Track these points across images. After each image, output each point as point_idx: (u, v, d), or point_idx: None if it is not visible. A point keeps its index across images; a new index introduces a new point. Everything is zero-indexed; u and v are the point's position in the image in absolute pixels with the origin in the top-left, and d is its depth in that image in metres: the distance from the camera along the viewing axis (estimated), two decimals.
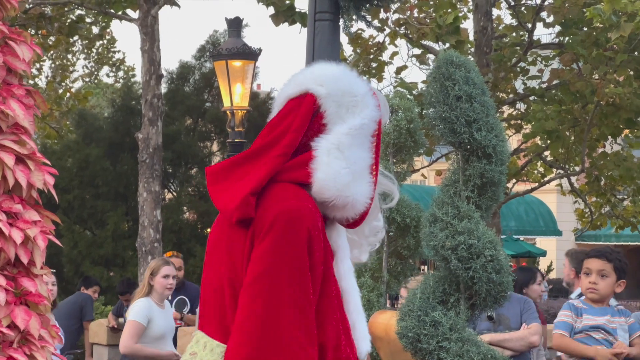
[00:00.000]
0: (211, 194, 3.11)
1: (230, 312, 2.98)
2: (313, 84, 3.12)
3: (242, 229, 2.99)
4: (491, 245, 5.15)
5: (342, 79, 3.14)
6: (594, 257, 5.78)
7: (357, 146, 3.06)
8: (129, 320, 7.97)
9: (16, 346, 4.13)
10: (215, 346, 2.99)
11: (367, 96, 3.13)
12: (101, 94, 31.54)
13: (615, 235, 27.12)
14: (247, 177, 3.03)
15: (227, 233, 3.06)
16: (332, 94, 3.10)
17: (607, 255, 5.77)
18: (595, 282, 5.72)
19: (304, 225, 2.94)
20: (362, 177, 3.06)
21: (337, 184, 3.01)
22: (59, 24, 16.04)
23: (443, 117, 5.27)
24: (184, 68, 20.00)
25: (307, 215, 2.96)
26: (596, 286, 5.71)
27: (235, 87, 11.98)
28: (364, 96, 3.12)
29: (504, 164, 5.28)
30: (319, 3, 5.24)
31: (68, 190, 18.29)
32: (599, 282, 5.72)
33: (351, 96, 3.10)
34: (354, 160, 3.04)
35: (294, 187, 3.03)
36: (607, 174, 16.12)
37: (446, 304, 5.25)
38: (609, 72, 13.43)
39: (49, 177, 4.32)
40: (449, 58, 5.34)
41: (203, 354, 3.00)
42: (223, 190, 3.07)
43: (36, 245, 4.23)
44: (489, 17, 14.90)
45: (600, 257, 5.76)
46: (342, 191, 3.02)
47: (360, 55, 15.04)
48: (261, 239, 2.94)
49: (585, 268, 5.80)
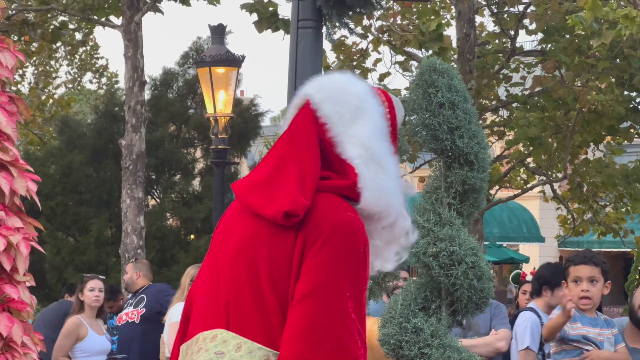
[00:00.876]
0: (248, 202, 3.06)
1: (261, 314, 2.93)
2: (311, 90, 3.12)
3: (287, 233, 2.94)
4: (472, 252, 5.17)
5: (338, 81, 3.14)
6: (582, 264, 5.57)
7: (387, 152, 3.06)
8: (173, 323, 7.87)
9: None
10: (257, 349, 2.90)
11: (367, 94, 3.10)
12: (84, 101, 31.48)
13: (598, 242, 27.19)
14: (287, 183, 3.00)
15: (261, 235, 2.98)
16: (329, 96, 3.08)
17: (594, 260, 5.59)
18: (587, 289, 5.56)
19: (361, 239, 2.95)
20: (399, 184, 3.07)
21: (386, 198, 3.03)
22: (41, 31, 16.01)
23: (426, 123, 5.29)
24: (168, 74, 19.97)
25: (362, 230, 2.97)
26: (589, 294, 5.54)
27: (218, 94, 11.98)
28: (366, 94, 3.10)
29: (485, 171, 5.30)
30: (302, 10, 5.27)
31: (51, 197, 18.24)
32: (591, 289, 5.57)
33: (348, 94, 3.07)
34: (391, 169, 3.05)
35: (342, 200, 3.01)
36: (589, 181, 16.19)
37: (428, 311, 5.26)
38: (591, 79, 13.50)
39: (31, 184, 4.32)
40: (432, 65, 5.36)
41: (236, 355, 2.90)
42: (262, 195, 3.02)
43: (19, 252, 4.22)
44: (472, 24, 14.96)
45: (588, 263, 5.56)
46: (391, 205, 3.04)
47: (343, 62, 15.06)
48: (319, 248, 2.90)
49: (573, 276, 5.58)
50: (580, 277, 5.54)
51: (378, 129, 3.06)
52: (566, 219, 18.74)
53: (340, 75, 3.17)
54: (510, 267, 29.16)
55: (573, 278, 5.57)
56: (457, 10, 15.07)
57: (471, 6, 14.92)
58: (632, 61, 13.35)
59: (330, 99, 3.07)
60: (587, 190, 16.71)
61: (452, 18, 15.75)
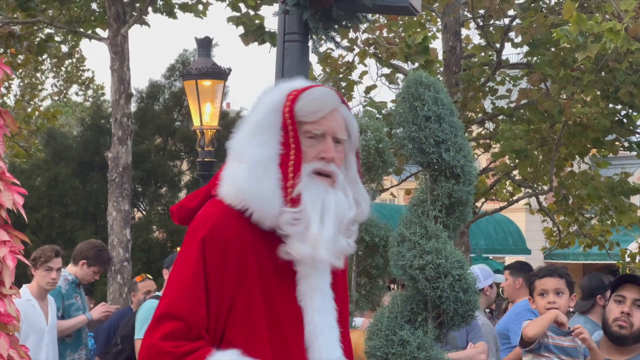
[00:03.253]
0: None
1: None
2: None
3: None
4: (459, 265, 5.18)
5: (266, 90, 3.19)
6: (547, 277, 5.61)
7: (256, 145, 3.04)
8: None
9: None
10: None
11: (268, 92, 3.13)
12: (70, 113, 31.43)
13: (583, 254, 27.23)
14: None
15: None
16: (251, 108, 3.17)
17: (558, 272, 5.66)
18: (554, 301, 5.62)
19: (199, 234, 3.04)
20: (266, 172, 3.03)
21: (238, 188, 3.03)
22: (28, 43, 16.00)
23: (412, 137, 5.31)
24: (154, 87, 19.98)
25: (204, 224, 3.05)
26: (555, 305, 5.61)
27: (205, 107, 11.99)
28: (265, 93, 3.13)
29: (471, 184, 5.32)
30: (289, 24, 5.28)
31: (37, 209, 18.20)
32: (557, 300, 5.62)
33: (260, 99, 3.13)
34: (253, 160, 3.03)
35: (211, 200, 3.10)
36: (574, 193, 16.23)
37: (414, 323, 5.27)
38: (576, 92, 13.54)
39: (18, 197, 4.32)
40: (418, 78, 5.38)
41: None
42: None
43: (5, 265, 4.22)
44: (458, 37, 15.01)
45: (553, 275, 5.63)
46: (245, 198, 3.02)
47: (329, 75, 15.08)
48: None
49: (539, 289, 5.61)
50: (546, 290, 5.61)
51: (252, 124, 3.09)
52: (552, 231, 18.77)
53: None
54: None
55: (539, 291, 5.64)
56: (443, 23, 15.12)
57: (457, 19, 14.97)
58: (617, 74, 13.40)
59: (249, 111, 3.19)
60: (573, 203, 16.75)
61: (438, 31, 15.80)
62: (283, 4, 5.21)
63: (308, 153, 3.07)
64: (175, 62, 19.95)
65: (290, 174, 3.02)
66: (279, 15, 5.30)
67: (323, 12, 5.17)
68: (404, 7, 5.33)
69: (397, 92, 5.50)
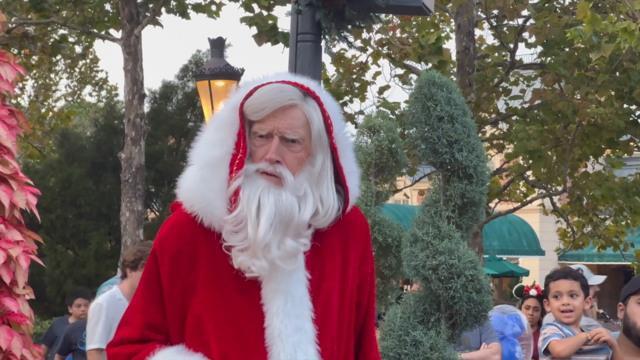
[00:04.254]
0: None
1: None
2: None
3: None
4: (472, 265, 5.17)
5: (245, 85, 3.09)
6: (561, 279, 5.65)
7: (211, 145, 2.96)
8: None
9: None
10: None
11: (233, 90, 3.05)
12: (84, 114, 31.51)
13: (598, 255, 27.19)
14: None
15: None
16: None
17: (572, 275, 5.68)
18: (567, 303, 5.63)
19: (155, 244, 3.04)
20: (213, 174, 2.93)
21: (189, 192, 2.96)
22: (41, 44, 16.04)
23: (425, 137, 5.30)
24: (167, 87, 20.01)
25: (160, 234, 3.04)
26: (569, 307, 5.62)
27: (218, 107, 11.99)
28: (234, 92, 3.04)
29: (484, 184, 5.31)
30: (301, 24, 5.27)
31: (50, 210, 18.24)
32: (572, 302, 5.64)
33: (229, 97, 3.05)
34: (203, 161, 2.95)
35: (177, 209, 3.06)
36: (589, 194, 16.20)
37: (427, 324, 5.26)
38: (590, 92, 13.52)
39: (31, 197, 4.33)
40: (431, 79, 5.37)
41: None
42: None
43: (18, 265, 4.23)
44: (472, 38, 14.99)
45: (567, 277, 5.66)
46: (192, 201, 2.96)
47: (343, 75, 15.09)
48: None
49: (553, 292, 5.65)
50: (560, 292, 5.62)
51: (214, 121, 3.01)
52: (566, 232, 18.74)
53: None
54: (510, 280, 29.11)
55: (553, 293, 5.66)
56: (456, 23, 15.10)
57: (470, 19, 14.95)
58: (631, 74, 13.37)
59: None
60: (587, 204, 16.72)
61: (452, 31, 15.78)
62: (295, 4, 5.21)
63: (257, 153, 2.96)
64: (188, 63, 19.97)
65: (234, 174, 2.92)
66: (292, 15, 5.30)
67: (335, 12, 5.16)
68: (417, 7, 5.32)
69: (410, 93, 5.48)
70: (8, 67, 4.33)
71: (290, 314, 2.94)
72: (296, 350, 2.93)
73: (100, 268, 18.22)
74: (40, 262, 4.48)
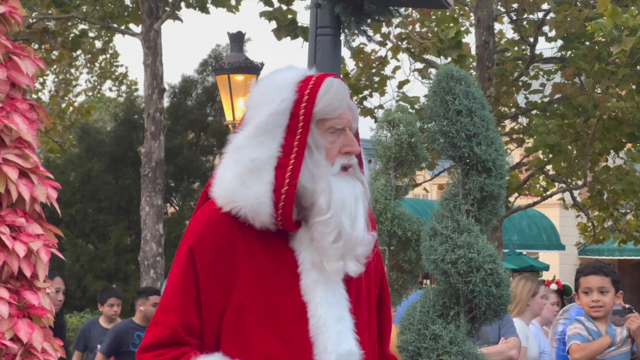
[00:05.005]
0: None
1: None
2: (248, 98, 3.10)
3: None
4: (491, 259, 5.16)
5: (262, 81, 3.06)
6: (591, 274, 5.64)
7: (253, 146, 2.93)
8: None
9: (19, 359, 4.15)
10: None
11: (279, 91, 2.98)
12: (104, 108, 31.60)
13: (618, 250, 27.08)
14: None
15: None
16: (253, 101, 3.03)
17: (603, 270, 5.65)
18: (597, 299, 5.62)
19: (187, 241, 2.98)
20: (256, 178, 2.92)
21: (226, 192, 2.94)
22: (62, 39, 16.09)
23: (443, 131, 5.29)
24: (187, 82, 20.05)
25: (191, 231, 2.99)
26: (599, 303, 5.60)
27: (237, 101, 12.02)
28: (274, 92, 2.98)
29: (503, 177, 5.29)
30: (320, 18, 5.27)
31: (71, 204, 18.32)
32: (602, 298, 5.62)
33: (262, 95, 3.00)
34: (243, 164, 2.93)
35: (207, 205, 3.02)
36: (609, 188, 16.14)
37: (446, 318, 5.25)
38: (611, 86, 13.46)
39: (52, 191, 4.35)
40: (449, 72, 5.36)
41: None
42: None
43: (39, 258, 4.25)
44: (491, 32, 14.95)
45: (598, 273, 5.63)
46: (232, 200, 2.93)
47: (362, 70, 15.08)
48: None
49: (584, 287, 5.65)
50: (591, 288, 5.61)
51: (257, 127, 2.95)
52: (586, 226, 18.68)
53: (275, 72, 3.08)
54: (530, 275, 29.03)
55: (583, 289, 5.65)
56: (476, 17, 15.06)
57: (490, 13, 14.91)
58: None
59: (254, 104, 3.03)
60: (608, 198, 16.66)
61: (471, 25, 15.74)
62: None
63: (332, 150, 2.97)
64: (207, 57, 20.00)
65: (287, 179, 2.92)
66: (311, 9, 5.29)
67: (355, 6, 5.16)
68: (436, 0, 5.31)
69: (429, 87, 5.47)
70: (28, 61, 4.35)
71: (331, 304, 2.95)
72: (340, 340, 2.94)
73: (119, 262, 18.28)
74: (61, 255, 4.50)
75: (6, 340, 4.08)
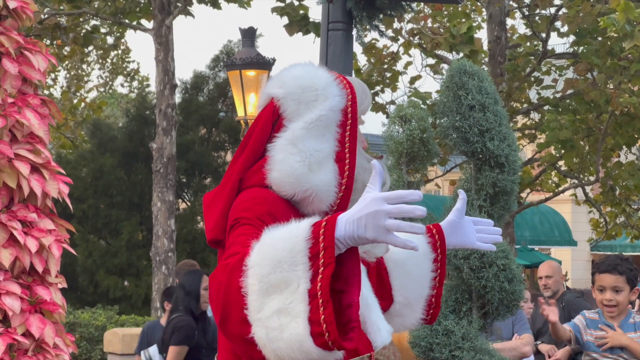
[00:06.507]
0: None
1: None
2: (273, 87, 3.11)
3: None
4: (503, 255, 5.14)
5: (303, 76, 3.09)
6: (605, 272, 5.56)
7: (314, 138, 3.01)
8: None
9: (31, 354, 4.15)
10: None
11: (329, 87, 3.06)
12: (115, 104, 31.65)
13: (631, 246, 27.04)
14: (218, 198, 3.07)
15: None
16: (291, 93, 3.06)
17: (618, 269, 5.59)
18: (611, 299, 5.58)
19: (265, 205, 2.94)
20: (321, 167, 3.00)
21: (292, 177, 2.97)
22: (74, 34, 16.12)
23: (456, 126, 5.28)
24: (198, 78, 20.06)
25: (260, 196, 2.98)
26: (612, 302, 5.56)
27: (249, 97, 12.01)
28: (324, 88, 3.05)
29: (516, 173, 5.28)
30: (332, 13, 5.26)
31: (82, 200, 18.36)
32: (615, 297, 5.58)
33: (311, 91, 3.04)
34: (309, 153, 2.99)
35: (254, 189, 3.01)
36: (621, 184, 16.09)
37: (459, 313, 5.24)
38: (623, 81, 13.42)
39: (63, 186, 4.34)
40: (462, 67, 5.35)
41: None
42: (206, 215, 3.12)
43: (51, 254, 4.25)
44: (503, 27, 14.91)
45: (612, 272, 5.56)
46: (300, 184, 2.97)
47: (374, 65, 15.06)
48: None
49: (598, 285, 5.59)
50: (604, 287, 5.56)
51: (318, 120, 3.03)
52: (598, 222, 18.64)
53: (302, 68, 3.13)
54: None
55: (598, 286, 5.60)
56: (488, 13, 15.03)
57: (502, 9, 14.87)
58: None
59: (291, 95, 3.06)
60: (620, 194, 16.61)
61: (483, 21, 15.71)
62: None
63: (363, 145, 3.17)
64: (219, 53, 20.01)
65: (346, 172, 3.03)
66: (323, 4, 5.28)
67: (367, 1, 5.15)
68: None
69: (441, 83, 5.45)
70: (40, 56, 4.35)
71: (366, 286, 3.05)
72: (378, 317, 3.04)
73: (131, 258, 18.31)
74: (73, 251, 4.50)
75: (18, 335, 4.08)
